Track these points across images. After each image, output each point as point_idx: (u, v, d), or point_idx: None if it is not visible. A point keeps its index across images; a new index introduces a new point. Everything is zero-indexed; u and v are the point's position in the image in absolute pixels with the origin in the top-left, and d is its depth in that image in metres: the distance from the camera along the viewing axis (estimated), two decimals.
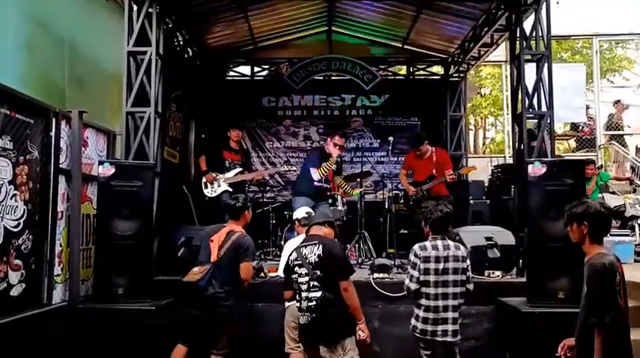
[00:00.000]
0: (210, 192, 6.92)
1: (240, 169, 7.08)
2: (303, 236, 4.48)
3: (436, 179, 6.81)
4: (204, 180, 7.00)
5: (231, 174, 7.00)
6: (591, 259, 3.05)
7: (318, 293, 3.78)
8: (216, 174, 6.93)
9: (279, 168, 7.89)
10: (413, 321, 4.01)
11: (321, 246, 3.88)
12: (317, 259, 3.84)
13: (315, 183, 6.70)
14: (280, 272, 4.80)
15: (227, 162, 7.10)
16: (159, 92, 5.94)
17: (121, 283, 4.96)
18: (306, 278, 3.86)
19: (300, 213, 5.21)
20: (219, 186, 6.90)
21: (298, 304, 3.93)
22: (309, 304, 3.82)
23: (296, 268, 3.95)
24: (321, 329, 3.78)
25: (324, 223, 4.18)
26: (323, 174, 6.65)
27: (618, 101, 10.91)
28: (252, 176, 7.23)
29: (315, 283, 3.82)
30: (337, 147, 6.75)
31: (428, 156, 7.00)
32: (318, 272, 3.82)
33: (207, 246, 4.49)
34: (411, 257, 3.98)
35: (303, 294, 3.87)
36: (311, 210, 5.07)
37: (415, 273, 3.93)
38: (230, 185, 6.93)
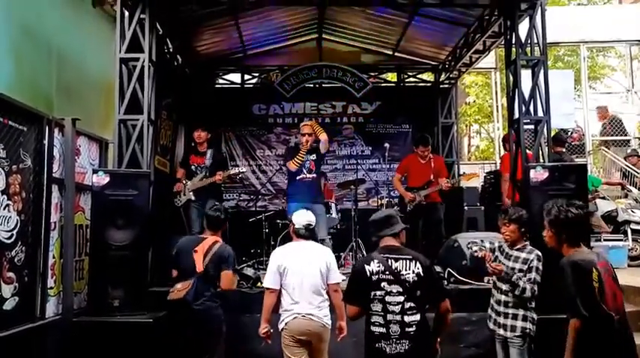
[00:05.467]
0: (177, 201, 6.60)
1: (204, 174, 6.57)
2: (293, 244, 4.21)
3: (433, 185, 6.74)
4: (174, 189, 6.70)
5: (196, 179, 6.58)
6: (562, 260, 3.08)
7: (417, 317, 3.24)
8: (185, 182, 6.60)
9: (231, 171, 7.09)
10: (529, 325, 4.09)
11: (419, 263, 3.29)
12: (416, 278, 3.26)
13: (299, 176, 6.27)
14: (267, 284, 4.09)
15: (193, 166, 6.68)
16: (152, 99, 5.82)
17: (116, 295, 4.85)
18: (401, 299, 3.25)
19: (299, 220, 4.28)
20: (184, 194, 6.56)
21: (383, 329, 3.25)
22: (408, 329, 3.21)
23: (383, 284, 3.27)
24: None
25: (400, 231, 3.49)
26: (296, 164, 6.22)
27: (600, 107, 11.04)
28: (211, 180, 6.50)
29: (413, 304, 3.25)
30: (304, 136, 6.23)
31: (427, 161, 6.94)
32: (418, 293, 3.26)
33: (187, 256, 4.37)
34: (540, 265, 4.08)
35: (395, 317, 3.24)
36: (312, 220, 4.27)
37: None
38: (198, 192, 6.47)
